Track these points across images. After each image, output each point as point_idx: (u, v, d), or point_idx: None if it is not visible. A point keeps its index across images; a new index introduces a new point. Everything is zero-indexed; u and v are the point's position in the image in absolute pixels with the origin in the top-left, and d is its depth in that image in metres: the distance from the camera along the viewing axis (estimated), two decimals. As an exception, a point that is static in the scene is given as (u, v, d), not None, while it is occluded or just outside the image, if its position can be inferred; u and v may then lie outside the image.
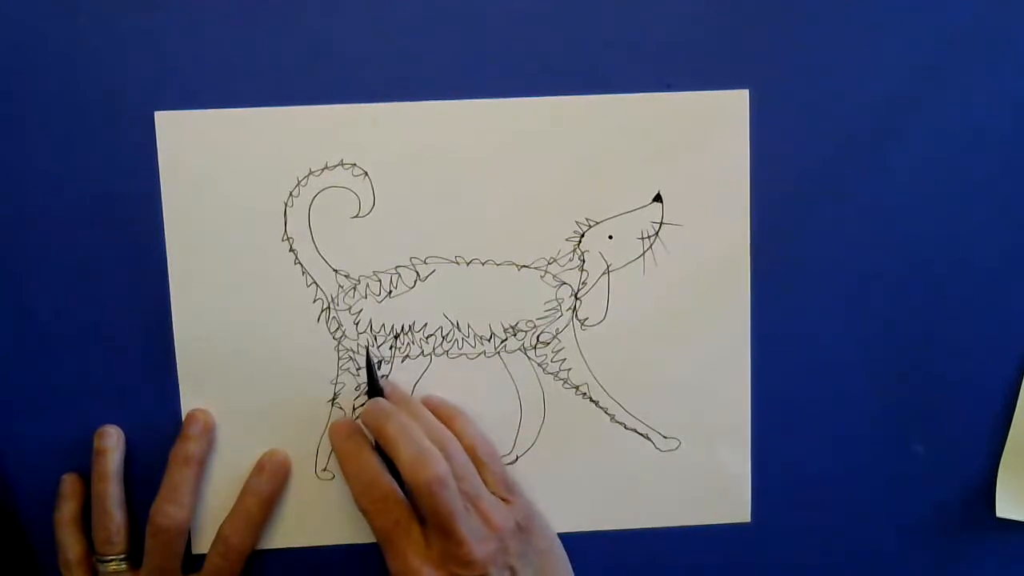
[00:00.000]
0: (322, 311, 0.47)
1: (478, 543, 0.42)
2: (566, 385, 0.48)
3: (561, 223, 0.47)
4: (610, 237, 0.47)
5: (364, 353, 0.47)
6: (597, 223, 0.47)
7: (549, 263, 0.47)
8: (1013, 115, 0.47)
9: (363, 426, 0.45)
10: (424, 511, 0.42)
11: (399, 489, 0.44)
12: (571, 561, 0.47)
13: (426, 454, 0.42)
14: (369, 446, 0.45)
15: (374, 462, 0.44)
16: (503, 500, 0.45)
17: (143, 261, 0.46)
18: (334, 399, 0.47)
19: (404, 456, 0.42)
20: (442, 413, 0.47)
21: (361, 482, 0.44)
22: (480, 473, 0.45)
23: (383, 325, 0.47)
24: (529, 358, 0.48)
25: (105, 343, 0.46)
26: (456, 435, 0.45)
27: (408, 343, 0.47)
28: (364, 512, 0.44)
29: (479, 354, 0.48)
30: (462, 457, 0.44)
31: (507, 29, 0.45)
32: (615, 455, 0.49)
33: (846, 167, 0.47)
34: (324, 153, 0.46)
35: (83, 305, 0.46)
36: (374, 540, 0.44)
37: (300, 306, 0.47)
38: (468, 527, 0.42)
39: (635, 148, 0.46)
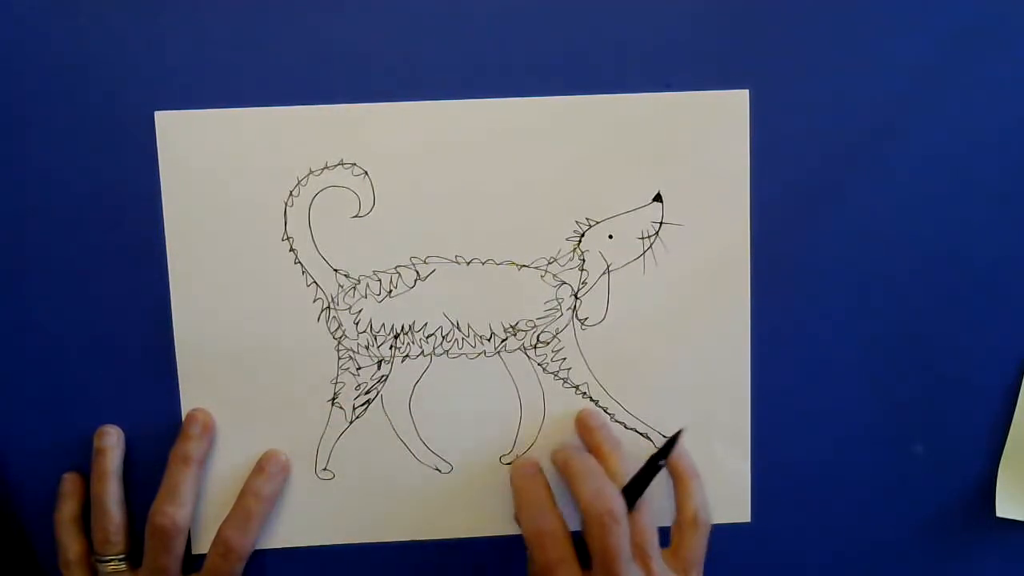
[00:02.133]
0: (322, 311, 0.47)
1: None
2: (566, 385, 0.48)
3: (561, 223, 0.47)
4: (610, 237, 0.47)
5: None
6: (597, 223, 0.47)
7: (549, 263, 0.47)
8: (1013, 115, 0.47)
9: (553, 460, 0.46)
10: (591, 547, 0.42)
11: (567, 528, 0.43)
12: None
13: (606, 490, 0.42)
14: (546, 483, 0.45)
15: (547, 497, 0.45)
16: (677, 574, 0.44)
17: (143, 261, 0.46)
18: (334, 399, 0.47)
19: (584, 488, 0.42)
20: (680, 469, 0.46)
21: (531, 513, 0.44)
22: (680, 535, 0.45)
23: (383, 325, 0.47)
24: (529, 358, 0.48)
25: (105, 343, 0.46)
26: (685, 494, 0.46)
27: (408, 343, 0.47)
28: (528, 544, 0.43)
29: (479, 354, 0.48)
30: (648, 519, 0.44)
31: (507, 29, 0.45)
32: (615, 455, 0.49)
33: (846, 167, 0.47)
34: (324, 153, 0.46)
35: (83, 305, 0.46)
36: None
37: (300, 306, 0.47)
38: (630, 574, 0.41)
39: (635, 148, 0.46)
